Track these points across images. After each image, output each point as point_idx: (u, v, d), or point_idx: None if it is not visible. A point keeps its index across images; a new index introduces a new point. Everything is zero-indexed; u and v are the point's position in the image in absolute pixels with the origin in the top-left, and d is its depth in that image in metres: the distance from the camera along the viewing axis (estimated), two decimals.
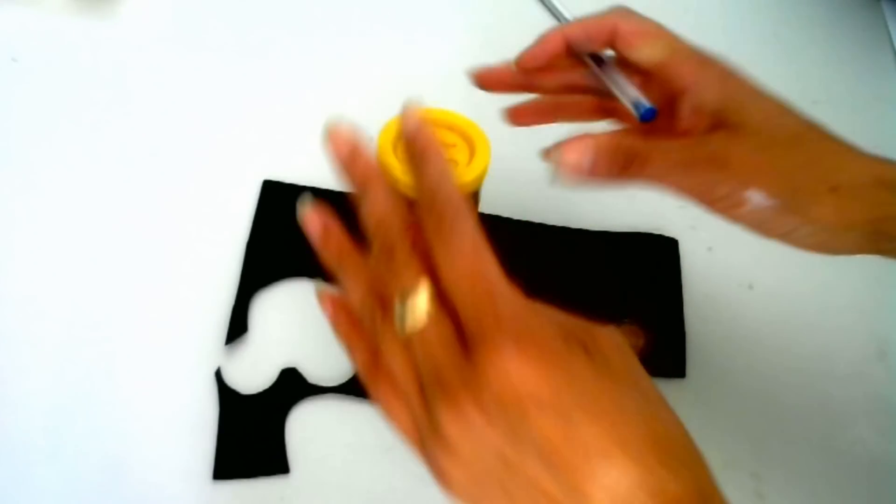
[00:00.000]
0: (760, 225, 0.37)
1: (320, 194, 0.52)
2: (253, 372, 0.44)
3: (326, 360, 0.45)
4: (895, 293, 0.51)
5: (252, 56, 0.61)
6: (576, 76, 0.42)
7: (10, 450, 0.41)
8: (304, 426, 0.43)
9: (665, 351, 0.48)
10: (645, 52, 0.39)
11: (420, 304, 0.31)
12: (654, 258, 0.51)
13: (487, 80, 0.44)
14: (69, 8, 0.62)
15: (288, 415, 0.43)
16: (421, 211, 0.32)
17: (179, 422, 0.42)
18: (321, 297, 0.35)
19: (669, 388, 0.43)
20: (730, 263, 0.51)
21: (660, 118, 0.40)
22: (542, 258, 0.50)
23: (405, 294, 0.31)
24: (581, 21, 0.41)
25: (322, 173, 0.53)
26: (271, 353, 0.45)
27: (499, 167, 0.55)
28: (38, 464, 0.40)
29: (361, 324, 0.34)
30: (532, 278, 0.48)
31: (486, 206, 0.53)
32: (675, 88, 0.38)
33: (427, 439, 0.30)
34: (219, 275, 0.48)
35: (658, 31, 0.39)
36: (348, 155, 0.36)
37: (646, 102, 0.39)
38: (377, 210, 0.34)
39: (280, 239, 0.50)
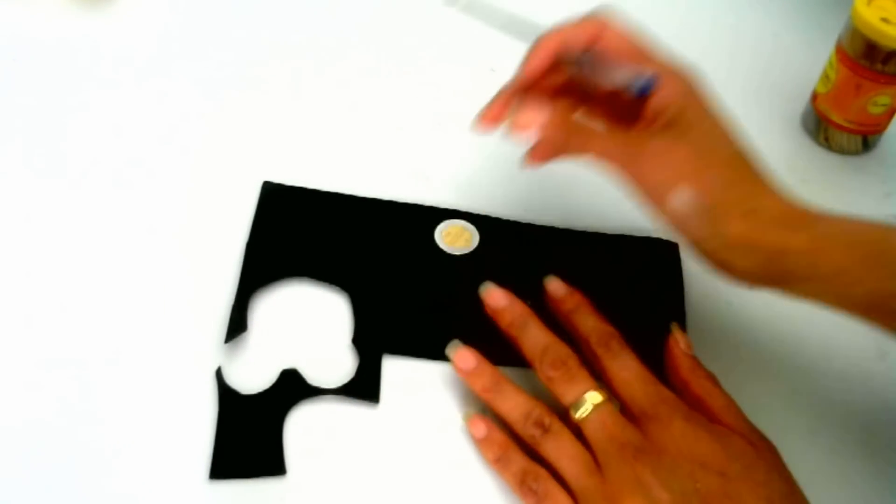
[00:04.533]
0: (679, 224, 0.41)
1: (320, 197, 0.52)
2: (253, 372, 0.44)
3: (326, 362, 0.45)
4: None
5: (252, 56, 0.61)
6: (558, 78, 0.45)
7: (8, 448, 0.41)
8: (305, 427, 0.43)
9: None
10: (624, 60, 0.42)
11: (597, 394, 0.40)
12: (656, 262, 0.51)
13: (496, 117, 0.45)
14: (69, 8, 0.62)
15: (287, 416, 0.43)
16: (590, 341, 0.43)
17: (177, 420, 0.42)
18: (472, 420, 0.42)
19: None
20: None
21: (628, 113, 0.43)
22: (542, 261, 0.50)
23: (585, 388, 0.40)
24: (571, 29, 0.43)
25: (322, 175, 0.54)
26: (271, 354, 0.45)
27: (497, 168, 0.56)
28: (34, 460, 0.40)
29: (510, 440, 0.41)
30: (532, 281, 0.48)
31: (484, 208, 0.53)
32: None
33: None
34: (219, 276, 0.48)
35: (637, 38, 0.43)
36: (507, 303, 0.45)
37: (645, 72, 0.41)
38: (542, 339, 0.43)
39: (280, 240, 0.50)
